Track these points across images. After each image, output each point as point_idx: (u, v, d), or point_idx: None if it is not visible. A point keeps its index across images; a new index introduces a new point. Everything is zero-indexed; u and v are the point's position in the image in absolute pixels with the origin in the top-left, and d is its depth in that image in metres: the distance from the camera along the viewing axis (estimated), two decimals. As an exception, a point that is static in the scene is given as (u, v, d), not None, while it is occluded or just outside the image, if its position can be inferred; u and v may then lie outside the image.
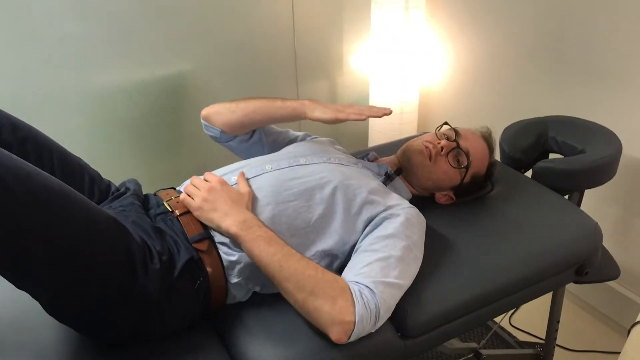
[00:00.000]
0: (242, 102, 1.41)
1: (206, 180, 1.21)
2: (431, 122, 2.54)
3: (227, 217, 1.12)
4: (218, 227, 1.12)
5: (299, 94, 2.44)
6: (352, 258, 1.16)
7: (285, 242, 1.10)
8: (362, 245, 1.17)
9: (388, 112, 1.24)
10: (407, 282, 1.12)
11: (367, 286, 1.06)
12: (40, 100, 1.92)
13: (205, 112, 1.46)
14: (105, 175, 1.33)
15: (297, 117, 1.36)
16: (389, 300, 1.07)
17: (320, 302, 1.03)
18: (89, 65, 1.96)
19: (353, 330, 1.01)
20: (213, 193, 1.16)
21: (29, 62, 1.86)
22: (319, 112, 1.29)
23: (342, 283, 1.06)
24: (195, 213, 1.15)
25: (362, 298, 1.03)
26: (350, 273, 1.10)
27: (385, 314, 1.07)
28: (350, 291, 1.04)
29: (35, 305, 1.02)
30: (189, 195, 1.18)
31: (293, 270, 1.05)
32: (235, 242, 1.11)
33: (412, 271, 1.15)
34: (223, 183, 1.19)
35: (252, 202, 1.18)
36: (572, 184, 1.47)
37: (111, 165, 1.65)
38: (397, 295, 1.10)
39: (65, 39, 1.88)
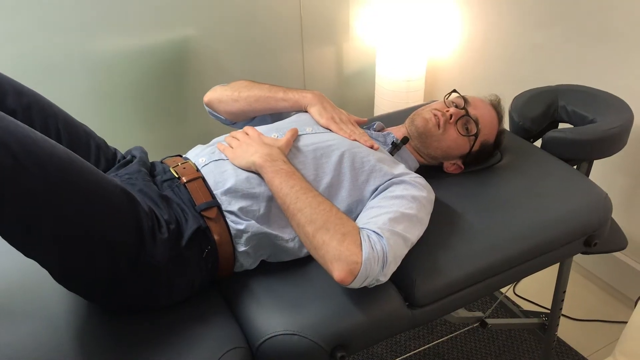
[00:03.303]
0: (243, 89, 1.39)
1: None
2: (438, 90, 2.51)
3: (255, 153, 1.16)
4: (247, 163, 1.16)
5: (304, 61, 2.41)
6: (360, 215, 1.16)
7: (305, 180, 1.13)
8: (369, 204, 1.17)
9: (375, 148, 1.27)
10: (412, 237, 1.12)
11: (374, 231, 1.06)
12: (40, 66, 1.90)
13: (207, 98, 1.45)
14: (109, 143, 1.31)
15: (298, 109, 1.38)
16: (396, 248, 1.06)
17: (329, 237, 1.03)
18: (91, 30, 1.93)
19: (359, 270, 1.01)
20: (247, 139, 1.22)
21: (29, 26, 1.83)
22: (315, 112, 1.33)
23: (353, 224, 1.07)
24: (231, 159, 1.19)
25: (369, 240, 1.04)
26: (358, 224, 1.10)
27: (393, 262, 1.06)
28: (359, 232, 1.05)
29: (45, 273, 1.02)
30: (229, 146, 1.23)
31: (308, 203, 1.07)
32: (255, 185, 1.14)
33: (417, 232, 1.14)
34: (260, 135, 1.24)
35: None
36: (582, 154, 1.46)
37: (115, 132, 1.64)
38: (403, 247, 1.09)
39: (67, 3, 1.85)
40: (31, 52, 1.87)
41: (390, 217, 1.09)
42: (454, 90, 1.40)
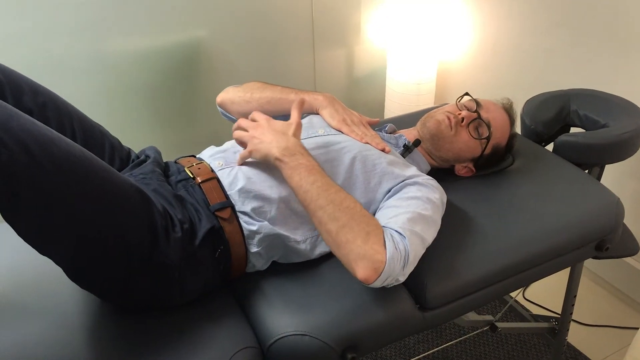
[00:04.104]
0: (256, 91, 1.39)
1: (253, 120, 1.22)
2: (449, 94, 2.51)
3: (271, 146, 1.13)
4: (266, 157, 1.13)
5: (316, 63, 2.41)
6: (376, 215, 1.15)
7: (326, 174, 1.11)
8: (385, 204, 1.17)
9: (387, 151, 1.26)
10: (428, 238, 1.12)
11: (396, 230, 1.06)
12: (54, 66, 1.91)
13: (220, 99, 1.45)
14: (123, 142, 1.32)
15: (309, 111, 1.38)
16: (416, 248, 1.06)
17: (354, 235, 1.02)
18: (104, 31, 1.94)
19: (383, 269, 1.00)
20: (259, 129, 1.18)
21: (42, 27, 1.85)
22: (327, 114, 1.33)
23: (377, 222, 1.06)
24: (251, 154, 1.16)
25: (393, 239, 1.03)
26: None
27: (413, 261, 1.06)
28: (383, 231, 1.05)
29: (59, 271, 1.03)
30: (240, 142, 1.21)
31: (331, 200, 1.05)
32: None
33: (432, 232, 1.14)
34: (268, 119, 1.20)
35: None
36: (594, 158, 1.46)
37: (127, 132, 1.64)
38: (421, 247, 1.09)
39: (80, 4, 1.86)
40: (45, 52, 1.88)
41: (408, 217, 1.09)
42: (466, 93, 1.41)
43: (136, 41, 2.02)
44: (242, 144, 1.20)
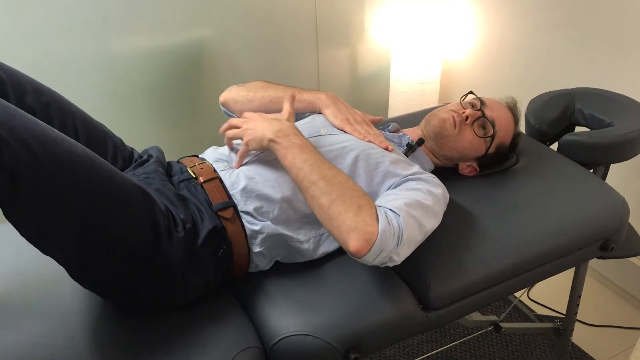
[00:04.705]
0: (259, 90, 1.39)
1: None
2: (453, 93, 2.50)
3: (265, 130, 1.14)
4: (261, 141, 1.14)
5: (319, 62, 2.41)
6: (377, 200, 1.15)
7: (319, 153, 1.12)
8: (385, 193, 1.16)
9: (390, 150, 1.25)
10: (427, 225, 1.10)
11: (390, 209, 1.05)
12: (58, 66, 1.91)
13: (222, 98, 1.45)
14: (126, 142, 1.32)
15: (312, 110, 1.38)
16: (411, 228, 1.05)
17: (345, 208, 1.02)
18: (108, 31, 1.95)
19: (375, 241, 0.99)
20: (252, 122, 1.20)
21: (46, 27, 1.85)
22: (330, 113, 1.33)
23: (370, 198, 1.06)
24: (248, 145, 1.17)
25: (386, 215, 1.03)
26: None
27: (407, 241, 1.05)
28: (376, 207, 1.04)
29: (61, 270, 1.03)
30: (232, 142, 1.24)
31: (323, 175, 1.06)
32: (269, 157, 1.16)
33: (432, 222, 1.12)
34: (260, 114, 1.22)
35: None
36: (599, 157, 1.45)
37: (130, 132, 1.64)
38: (418, 231, 1.08)
39: (85, 4, 1.87)
40: (49, 52, 1.89)
41: (406, 202, 1.08)
42: (471, 92, 1.40)
43: (140, 41, 2.02)
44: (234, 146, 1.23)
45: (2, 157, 0.85)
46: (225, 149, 1.29)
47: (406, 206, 1.07)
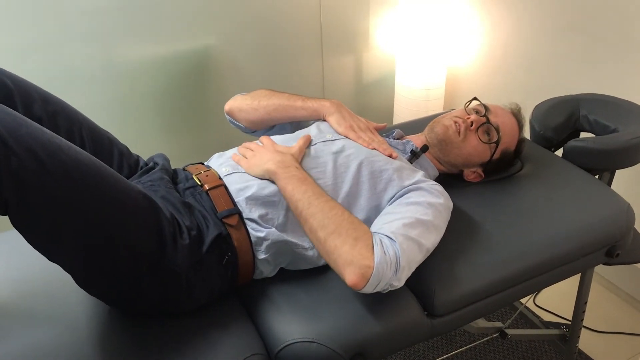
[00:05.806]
0: (263, 99, 1.41)
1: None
2: (458, 99, 2.50)
3: (268, 160, 1.18)
4: (261, 171, 1.17)
5: (324, 70, 2.42)
6: (375, 221, 1.15)
7: (318, 185, 1.15)
8: (385, 210, 1.17)
9: (394, 157, 1.26)
10: (427, 244, 1.11)
11: (386, 235, 1.06)
12: (64, 74, 1.93)
13: (227, 107, 1.46)
14: (132, 150, 1.33)
15: (316, 118, 1.39)
16: (409, 253, 1.05)
17: (341, 241, 1.03)
18: (113, 40, 1.96)
19: (372, 274, 1.00)
20: (261, 148, 1.24)
21: (53, 36, 1.86)
22: (334, 120, 1.34)
23: (366, 228, 1.07)
24: (246, 168, 1.21)
25: (382, 244, 1.04)
26: (372, 229, 1.10)
27: (406, 266, 1.05)
28: (372, 236, 1.05)
29: (68, 277, 1.04)
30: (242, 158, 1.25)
31: (320, 208, 1.08)
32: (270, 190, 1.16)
33: (433, 238, 1.13)
34: (274, 143, 1.26)
35: None
36: (604, 163, 1.44)
37: (137, 140, 1.65)
38: (417, 252, 1.08)
39: (91, 13, 1.88)
40: (56, 61, 1.90)
41: (404, 222, 1.09)
42: (475, 98, 1.40)
43: (146, 49, 2.03)
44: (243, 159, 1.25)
45: (9, 164, 0.86)
46: (229, 153, 1.30)
47: (404, 228, 1.08)
